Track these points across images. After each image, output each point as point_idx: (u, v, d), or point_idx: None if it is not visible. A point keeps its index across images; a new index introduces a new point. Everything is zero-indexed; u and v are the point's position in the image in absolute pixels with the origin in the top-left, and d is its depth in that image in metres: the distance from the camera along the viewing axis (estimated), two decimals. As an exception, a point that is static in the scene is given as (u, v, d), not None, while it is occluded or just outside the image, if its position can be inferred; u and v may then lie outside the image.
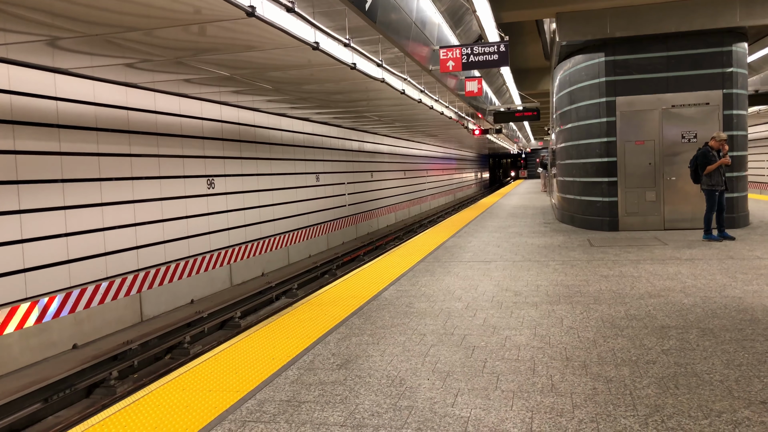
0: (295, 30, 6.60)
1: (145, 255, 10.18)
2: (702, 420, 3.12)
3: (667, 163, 10.92)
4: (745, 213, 11.31)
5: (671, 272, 7.09)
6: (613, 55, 11.07)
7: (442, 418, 3.28)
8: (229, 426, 3.32)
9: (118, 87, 9.62)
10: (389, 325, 5.24)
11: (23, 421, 6.40)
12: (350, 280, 7.56)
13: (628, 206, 11.22)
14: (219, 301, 11.00)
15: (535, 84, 24.10)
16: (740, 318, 5.02)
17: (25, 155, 8.01)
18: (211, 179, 12.16)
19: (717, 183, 9.31)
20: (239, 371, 4.20)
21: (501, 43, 9.49)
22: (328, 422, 3.31)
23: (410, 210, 29.28)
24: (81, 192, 8.88)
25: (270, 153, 14.69)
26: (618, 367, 3.94)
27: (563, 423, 3.16)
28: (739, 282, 6.42)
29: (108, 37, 6.63)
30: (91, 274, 9.03)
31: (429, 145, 33.83)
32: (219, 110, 12.48)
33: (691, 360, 4.03)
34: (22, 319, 7.83)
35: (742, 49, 10.93)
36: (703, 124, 10.75)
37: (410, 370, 4.06)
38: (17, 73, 7.88)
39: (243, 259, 13.27)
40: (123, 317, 9.62)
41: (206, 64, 8.34)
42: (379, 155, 24.36)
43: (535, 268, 7.78)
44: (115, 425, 3.38)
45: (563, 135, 13.50)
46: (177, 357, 8.59)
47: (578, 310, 5.48)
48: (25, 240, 7.96)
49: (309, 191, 17.07)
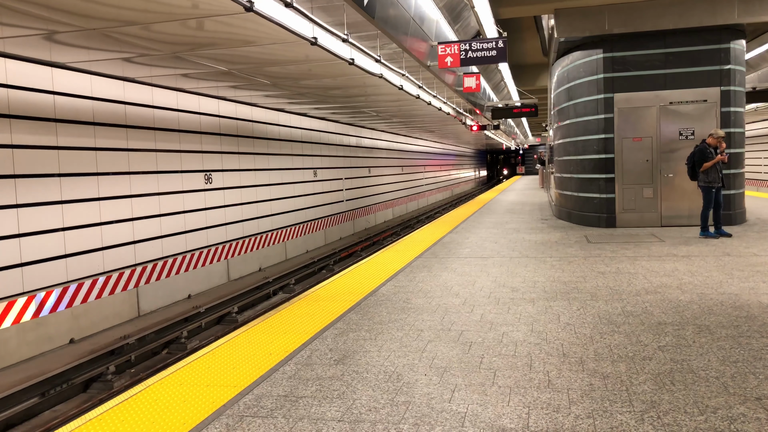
0: (293, 25, 6.58)
1: (142, 250, 10.17)
2: (698, 416, 3.14)
3: (665, 160, 10.94)
4: (742, 210, 11.34)
5: (668, 269, 7.11)
6: (611, 52, 11.07)
7: (439, 414, 3.29)
8: (227, 421, 3.33)
9: (115, 81, 9.59)
10: (387, 321, 5.25)
11: (20, 415, 6.40)
12: (348, 275, 7.56)
13: (626, 203, 11.24)
14: (216, 296, 11.01)
15: (533, 80, 24.09)
16: (736, 315, 5.04)
17: (23, 149, 7.99)
18: (208, 174, 12.14)
19: (714, 180, 9.33)
20: (237, 366, 4.20)
21: (499, 39, 9.48)
22: (325, 417, 3.32)
23: (408, 206, 29.28)
24: (78, 186, 8.86)
25: (268, 148, 14.67)
26: (614, 364, 3.96)
27: (560, 419, 3.17)
28: (735, 279, 6.44)
29: (105, 32, 6.61)
30: (88, 269, 9.02)
31: (427, 141, 33.82)
32: (217, 105, 12.45)
33: (687, 356, 4.05)
34: (19, 313, 7.82)
35: (740, 46, 10.94)
36: (701, 121, 10.76)
37: (407, 366, 4.07)
38: (14, 67, 7.84)
39: (240, 254, 13.26)
40: (120, 312, 9.61)
41: (204, 59, 8.31)
42: (377, 151, 24.35)
43: (533, 264, 7.79)
44: (113, 420, 3.38)
45: (561, 131, 13.50)
46: (174, 352, 8.59)
47: (575, 307, 5.50)
48: (22, 234, 7.94)
49: (306, 186, 17.06)
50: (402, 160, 28.37)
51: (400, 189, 27.78)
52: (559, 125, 13.71)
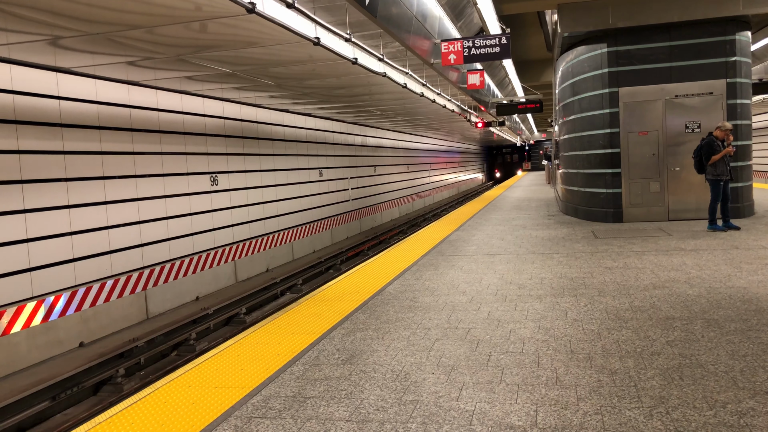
0: (296, 26, 6.59)
1: (149, 252, 10.22)
2: (707, 411, 3.13)
3: (671, 154, 10.88)
4: (750, 203, 11.27)
5: (676, 263, 7.08)
6: (616, 46, 11.01)
7: (447, 412, 3.29)
8: (235, 422, 3.34)
9: (120, 85, 9.63)
10: (394, 320, 5.25)
11: (32, 419, 6.44)
12: (354, 275, 7.57)
13: (632, 197, 11.19)
14: (224, 298, 11.04)
15: (538, 76, 24.02)
16: (745, 308, 5.01)
17: (29, 155, 8.04)
18: (214, 176, 12.17)
19: (722, 173, 9.27)
20: (245, 367, 4.21)
21: (503, 36, 9.46)
22: (333, 417, 3.32)
23: (414, 204, 29.27)
24: (85, 190, 8.91)
25: (273, 149, 14.70)
26: (623, 359, 3.94)
27: (568, 416, 3.16)
28: (744, 272, 6.40)
29: (109, 36, 6.63)
30: (96, 273, 9.07)
31: (432, 139, 33.79)
32: (221, 107, 12.48)
33: (696, 351, 4.03)
34: (28, 317, 7.87)
35: (746, 38, 10.86)
36: (707, 114, 10.69)
37: (415, 365, 4.07)
38: (20, 73, 7.89)
39: (247, 255, 13.30)
40: (129, 315, 9.66)
41: (208, 61, 8.34)
42: (382, 149, 24.34)
43: (540, 260, 7.77)
44: (123, 422, 3.40)
45: (566, 126, 13.45)
46: (183, 354, 8.63)
47: (582, 303, 5.48)
48: (30, 239, 7.99)
49: (312, 186, 17.08)
50: (407, 158, 28.35)
51: (406, 187, 27.77)
52: (565, 120, 13.66)
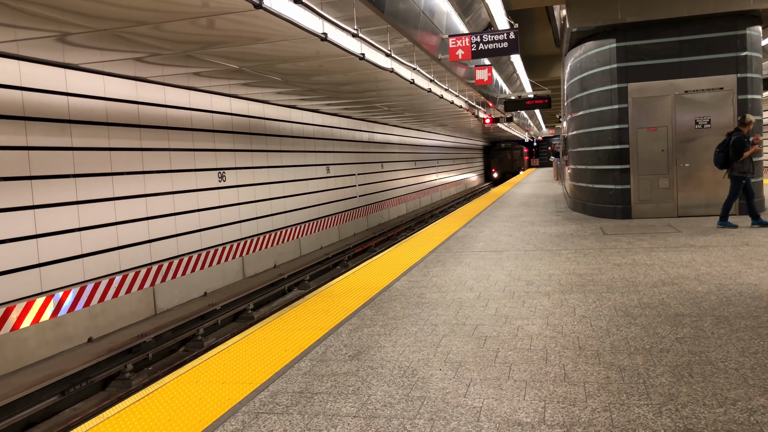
0: (303, 21, 6.57)
1: (157, 248, 10.25)
2: (717, 408, 3.10)
3: (681, 150, 10.80)
4: (761, 199, 11.17)
5: (685, 260, 7.03)
6: (625, 41, 10.93)
7: (455, 408, 3.28)
8: (243, 418, 3.34)
9: (128, 81, 9.65)
10: (401, 316, 5.25)
11: (41, 413, 6.49)
12: (362, 271, 7.56)
13: (641, 193, 11.12)
14: (232, 294, 11.07)
15: (546, 71, 23.91)
16: (755, 305, 4.97)
17: (38, 151, 8.07)
18: (222, 172, 12.20)
19: (749, 170, 9.14)
20: (252, 363, 4.22)
21: (511, 31, 9.40)
22: (340, 413, 3.32)
23: (421, 200, 29.23)
24: (93, 186, 8.95)
25: (280, 145, 14.71)
26: (631, 356, 3.92)
27: (576, 412, 3.15)
28: (754, 269, 6.34)
29: (117, 32, 6.65)
30: (104, 268, 9.11)
31: (439, 135, 33.71)
32: (229, 103, 12.49)
33: (706, 348, 4.00)
34: (37, 313, 7.92)
35: (756, 33, 10.75)
36: (717, 110, 10.60)
37: (422, 361, 4.06)
38: (28, 70, 7.92)
39: (255, 251, 13.32)
40: (137, 310, 9.70)
41: (215, 57, 8.34)
42: (390, 146, 24.31)
43: (548, 257, 7.74)
44: (131, 417, 3.41)
45: (575, 122, 13.38)
46: (191, 349, 8.66)
47: (591, 299, 5.45)
48: (39, 235, 8.03)
49: (320, 183, 17.08)
50: (415, 154, 28.30)
51: (413, 184, 27.74)
52: (573, 116, 13.59)
